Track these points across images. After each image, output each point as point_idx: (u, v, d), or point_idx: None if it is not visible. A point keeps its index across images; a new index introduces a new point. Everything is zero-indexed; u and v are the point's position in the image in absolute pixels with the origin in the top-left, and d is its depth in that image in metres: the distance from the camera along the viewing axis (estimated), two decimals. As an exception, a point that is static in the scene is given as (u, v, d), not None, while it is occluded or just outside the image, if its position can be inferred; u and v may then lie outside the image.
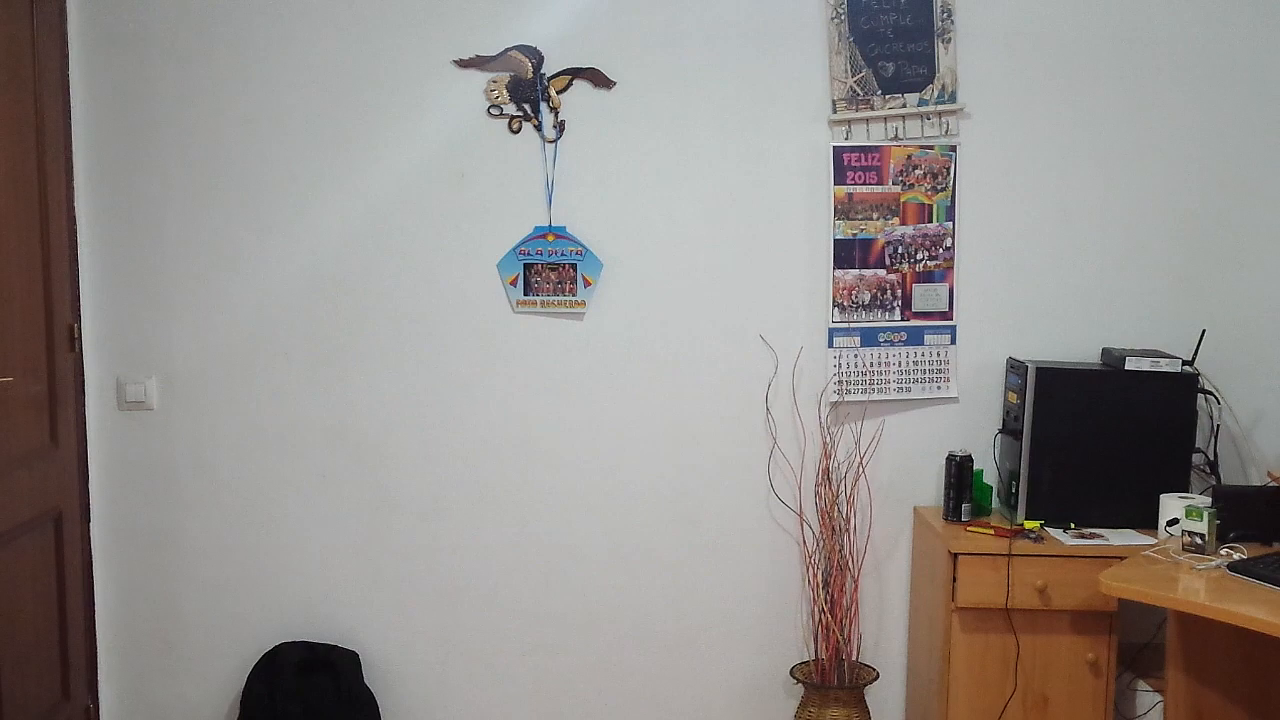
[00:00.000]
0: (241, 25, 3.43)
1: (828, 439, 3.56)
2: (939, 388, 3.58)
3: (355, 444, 3.56)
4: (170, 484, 3.55)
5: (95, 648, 3.55)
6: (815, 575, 3.58)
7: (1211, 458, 3.48)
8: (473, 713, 3.67)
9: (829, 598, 3.54)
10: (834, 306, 3.54)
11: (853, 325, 3.55)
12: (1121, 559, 3.11)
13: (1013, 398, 3.43)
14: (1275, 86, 3.48)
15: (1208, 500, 3.17)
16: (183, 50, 3.43)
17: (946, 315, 3.56)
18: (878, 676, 3.57)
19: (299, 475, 3.57)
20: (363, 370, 3.54)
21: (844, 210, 3.51)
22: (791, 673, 3.55)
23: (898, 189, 3.51)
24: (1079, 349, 3.51)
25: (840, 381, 3.56)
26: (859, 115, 3.49)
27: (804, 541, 3.59)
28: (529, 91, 3.50)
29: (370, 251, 3.52)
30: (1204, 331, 3.41)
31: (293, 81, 3.45)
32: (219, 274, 3.50)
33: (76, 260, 3.43)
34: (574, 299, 3.53)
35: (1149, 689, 3.27)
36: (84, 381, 3.49)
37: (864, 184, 3.51)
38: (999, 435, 3.51)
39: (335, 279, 3.51)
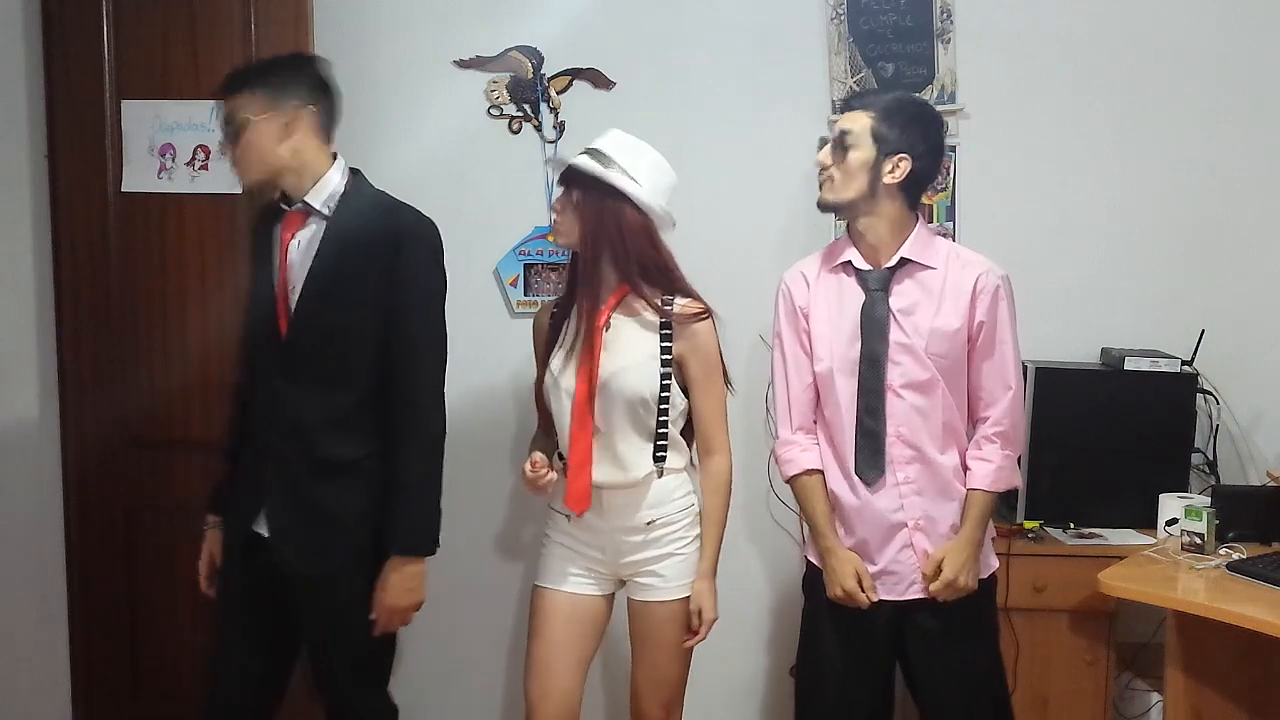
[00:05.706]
0: (242, 26, 3.44)
1: (828, 439, 3.55)
2: (939, 388, 3.56)
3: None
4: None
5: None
6: (815, 575, 3.56)
7: (1211, 458, 3.47)
8: (473, 713, 3.67)
9: (829, 598, 3.53)
10: (834, 306, 3.53)
11: (853, 325, 3.53)
12: (1121, 559, 3.11)
13: (1013, 397, 3.43)
14: (1274, 87, 3.48)
15: (1207, 500, 3.17)
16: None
17: (946, 315, 3.55)
18: (878, 676, 3.56)
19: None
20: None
21: (844, 210, 3.51)
22: (791, 673, 3.55)
23: (898, 189, 3.50)
24: (1079, 349, 3.50)
25: (840, 381, 3.54)
26: (859, 115, 3.49)
27: (804, 541, 3.58)
28: (529, 92, 3.50)
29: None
30: (1204, 331, 3.40)
31: (293, 82, 3.45)
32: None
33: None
34: (574, 299, 3.52)
35: (1149, 689, 3.27)
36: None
37: (864, 184, 3.50)
38: (999, 435, 3.51)
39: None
